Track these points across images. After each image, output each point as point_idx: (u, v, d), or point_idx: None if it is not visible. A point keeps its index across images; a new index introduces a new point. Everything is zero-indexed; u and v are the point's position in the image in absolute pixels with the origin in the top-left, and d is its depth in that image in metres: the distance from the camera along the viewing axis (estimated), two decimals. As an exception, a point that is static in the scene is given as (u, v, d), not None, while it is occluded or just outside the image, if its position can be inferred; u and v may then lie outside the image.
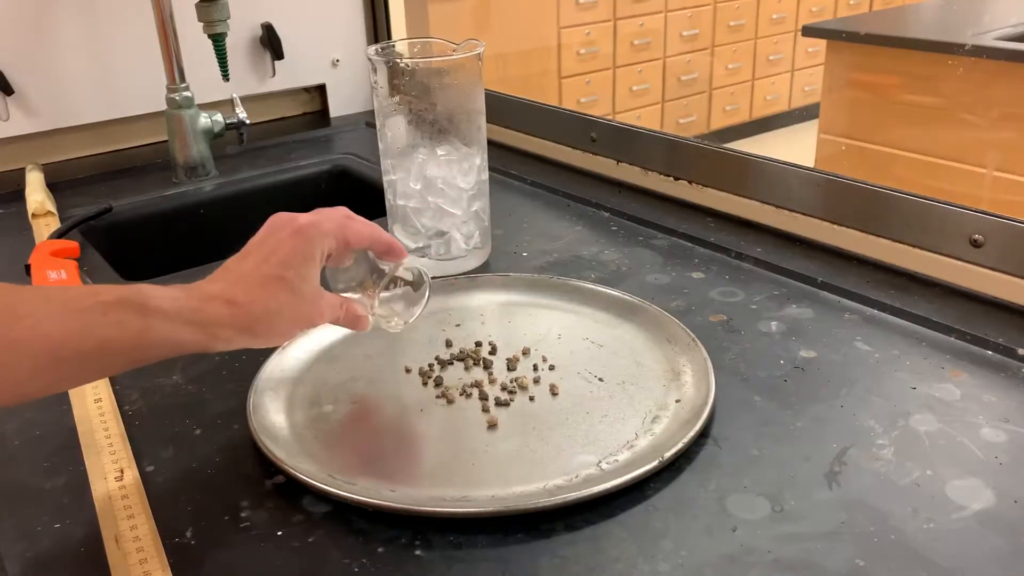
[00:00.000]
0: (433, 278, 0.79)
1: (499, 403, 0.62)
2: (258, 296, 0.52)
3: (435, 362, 0.67)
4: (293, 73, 1.33)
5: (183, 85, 1.10)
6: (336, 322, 0.59)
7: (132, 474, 0.55)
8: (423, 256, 0.82)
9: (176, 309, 0.49)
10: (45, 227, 0.97)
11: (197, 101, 1.12)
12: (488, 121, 0.82)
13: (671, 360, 0.65)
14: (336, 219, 0.57)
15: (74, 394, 0.65)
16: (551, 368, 0.66)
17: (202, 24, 1.09)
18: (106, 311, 0.46)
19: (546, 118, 1.14)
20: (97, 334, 0.46)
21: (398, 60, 0.78)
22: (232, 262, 0.54)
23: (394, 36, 1.39)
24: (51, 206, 1.01)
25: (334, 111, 1.38)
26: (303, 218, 0.56)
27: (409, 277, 0.64)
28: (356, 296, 0.61)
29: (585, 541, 0.49)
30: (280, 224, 0.55)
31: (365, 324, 0.61)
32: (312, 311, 0.55)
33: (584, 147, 1.08)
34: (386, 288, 0.62)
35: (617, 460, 0.55)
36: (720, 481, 0.53)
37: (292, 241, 0.54)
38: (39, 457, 0.59)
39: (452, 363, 0.67)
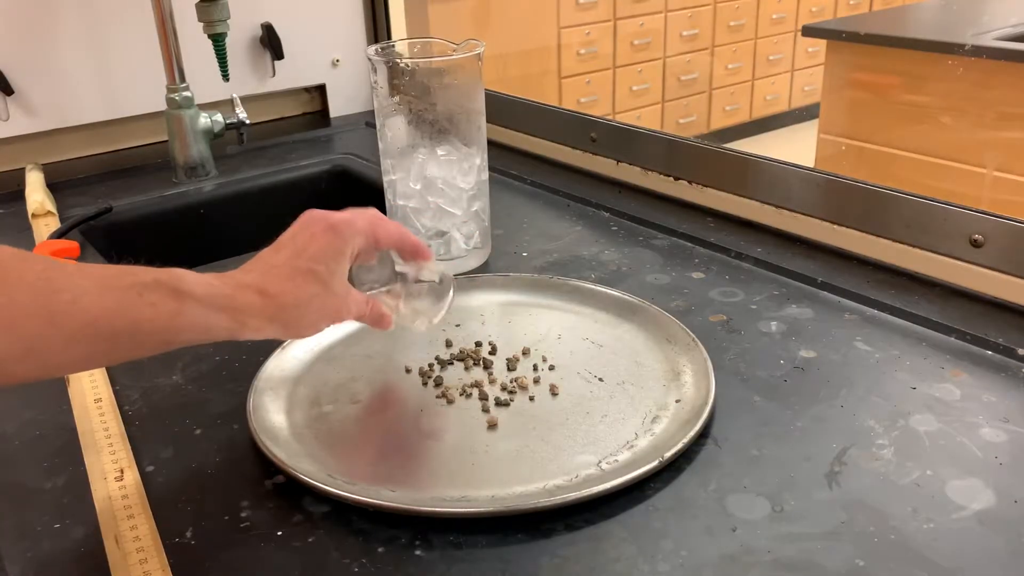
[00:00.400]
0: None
1: (499, 403, 0.62)
2: (289, 288, 0.53)
3: (435, 362, 0.67)
4: (293, 73, 1.33)
5: (183, 85, 1.10)
6: (361, 319, 0.59)
7: (132, 474, 0.55)
8: (423, 256, 0.82)
9: (209, 295, 0.50)
10: (45, 227, 0.97)
11: (197, 101, 1.12)
12: (488, 121, 0.82)
13: (671, 360, 0.65)
14: (368, 218, 0.58)
15: (74, 394, 0.65)
16: (551, 368, 0.66)
17: (202, 24, 1.09)
18: (141, 291, 0.47)
19: (546, 118, 1.14)
20: (131, 313, 0.47)
21: (398, 60, 0.78)
22: (265, 254, 0.55)
23: (394, 36, 1.39)
24: (51, 206, 1.01)
25: (334, 111, 1.38)
26: (336, 215, 0.57)
27: (435, 279, 0.64)
28: (381, 296, 0.62)
29: (585, 541, 0.49)
30: (313, 220, 0.56)
31: (389, 323, 0.61)
32: (340, 305, 0.56)
33: (584, 147, 1.08)
34: (410, 289, 0.63)
35: (617, 460, 0.55)
36: (720, 481, 0.53)
37: (325, 237, 0.55)
38: (39, 457, 0.59)
39: (452, 363, 0.67)
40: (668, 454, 0.54)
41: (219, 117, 1.13)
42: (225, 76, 1.16)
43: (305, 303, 0.54)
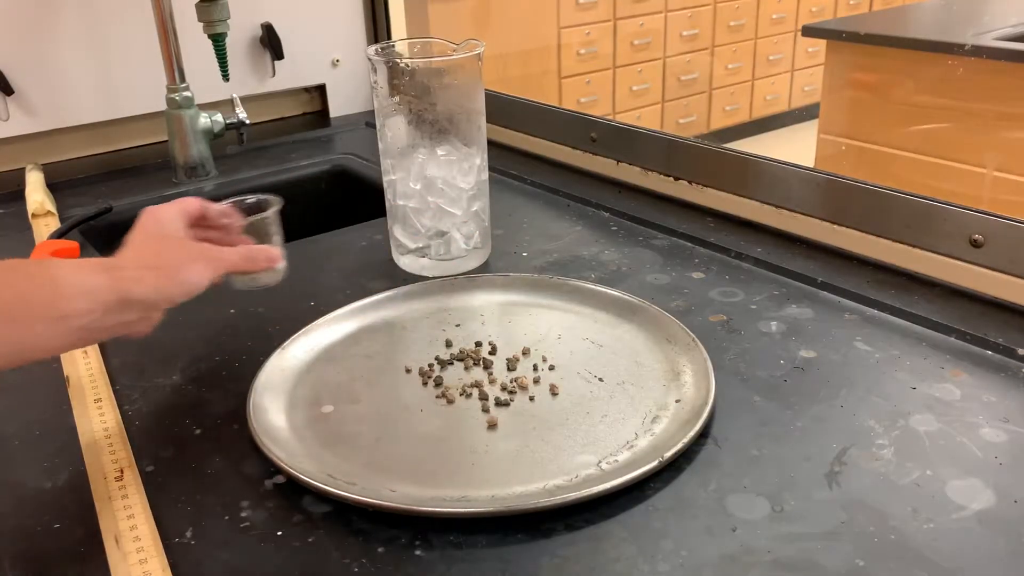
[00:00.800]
0: (433, 278, 0.80)
1: (499, 403, 0.62)
2: (151, 243, 0.61)
3: (435, 362, 0.67)
4: (293, 73, 1.33)
5: (183, 85, 1.10)
6: (236, 265, 0.64)
7: (132, 474, 0.55)
8: (423, 256, 0.82)
9: (81, 263, 0.56)
10: (45, 227, 0.97)
11: (197, 101, 1.12)
12: (488, 121, 0.82)
13: (671, 360, 0.65)
14: (173, 201, 0.66)
15: (74, 394, 0.65)
16: (551, 368, 0.66)
17: (202, 24, 1.09)
18: (14, 268, 0.52)
19: (546, 118, 1.14)
20: (11, 285, 0.50)
21: (398, 60, 0.78)
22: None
23: (394, 36, 1.39)
24: (51, 206, 1.01)
25: (334, 111, 1.38)
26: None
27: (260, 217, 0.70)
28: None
29: (585, 541, 0.49)
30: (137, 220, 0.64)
31: (263, 260, 0.66)
32: (192, 248, 0.62)
33: (584, 147, 1.08)
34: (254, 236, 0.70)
35: (617, 460, 0.55)
36: (720, 481, 0.53)
37: (148, 216, 0.63)
38: (39, 457, 0.59)
39: (452, 363, 0.67)
40: (668, 454, 0.54)
41: (219, 117, 1.13)
42: (225, 76, 1.16)
43: (167, 249, 0.60)
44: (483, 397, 0.62)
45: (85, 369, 0.67)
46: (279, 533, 0.51)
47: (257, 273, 0.68)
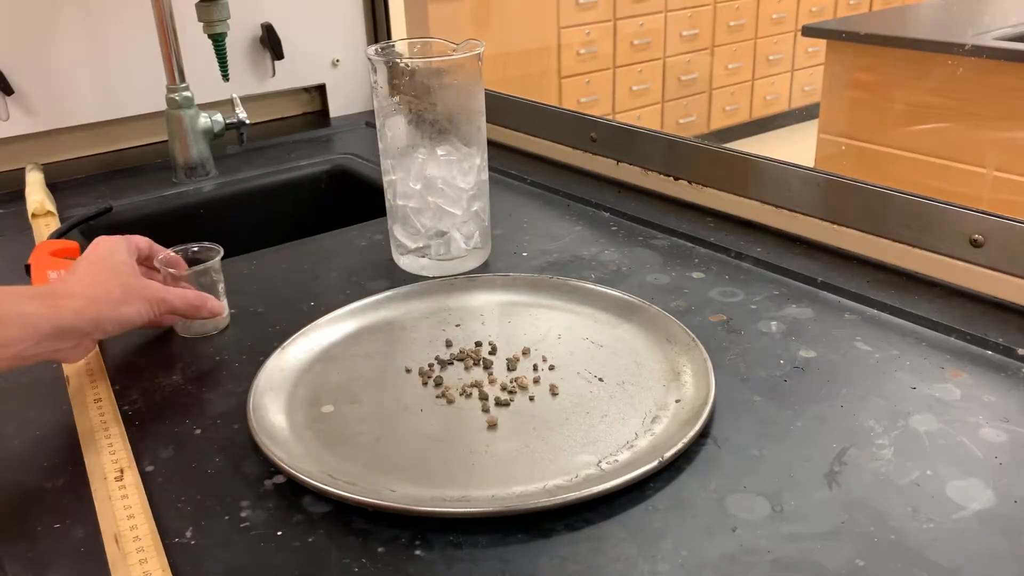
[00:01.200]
0: (433, 278, 0.80)
1: (499, 403, 0.62)
2: (90, 273, 0.63)
3: (435, 362, 0.67)
4: (293, 73, 1.33)
5: (183, 85, 1.10)
6: (176, 309, 0.67)
7: (132, 474, 0.55)
8: (423, 256, 0.82)
9: (20, 290, 0.57)
10: (45, 227, 0.97)
11: (197, 101, 1.12)
12: (488, 121, 0.83)
13: (671, 360, 0.65)
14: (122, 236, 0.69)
15: (74, 394, 0.65)
16: (551, 368, 0.66)
17: (202, 24, 1.09)
18: None
19: (546, 118, 1.14)
20: None
21: (398, 60, 0.78)
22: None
23: (394, 36, 1.39)
24: (51, 206, 1.01)
25: (334, 111, 1.38)
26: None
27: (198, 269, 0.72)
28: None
29: (585, 541, 0.49)
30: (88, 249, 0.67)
31: (200, 309, 0.69)
32: (145, 285, 0.65)
33: (584, 147, 1.08)
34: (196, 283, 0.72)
35: (617, 460, 0.55)
36: (720, 481, 0.53)
37: (96, 249, 0.66)
38: (39, 457, 0.59)
39: (452, 363, 0.67)
40: (668, 454, 0.54)
41: (219, 117, 1.13)
42: (225, 76, 1.16)
43: (112, 281, 0.62)
44: (483, 397, 0.62)
45: (85, 369, 0.67)
46: (279, 533, 0.51)
47: (199, 320, 0.71)
